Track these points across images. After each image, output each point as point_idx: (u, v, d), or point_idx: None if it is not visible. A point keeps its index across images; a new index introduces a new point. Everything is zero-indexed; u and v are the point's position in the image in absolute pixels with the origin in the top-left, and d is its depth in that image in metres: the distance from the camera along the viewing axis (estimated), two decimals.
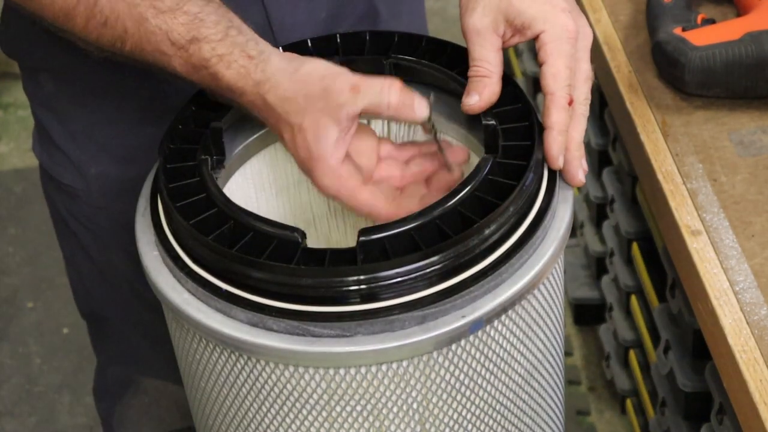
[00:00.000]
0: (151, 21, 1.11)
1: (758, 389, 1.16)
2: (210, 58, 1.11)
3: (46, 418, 2.33)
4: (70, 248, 1.47)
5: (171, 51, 1.12)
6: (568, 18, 1.14)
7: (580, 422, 2.17)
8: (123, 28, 1.12)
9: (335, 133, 1.10)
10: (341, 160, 1.11)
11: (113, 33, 1.13)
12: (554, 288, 1.15)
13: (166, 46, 1.12)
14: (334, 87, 1.09)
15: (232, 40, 1.11)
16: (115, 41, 1.13)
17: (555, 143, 1.13)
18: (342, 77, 1.10)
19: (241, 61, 1.11)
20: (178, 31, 1.11)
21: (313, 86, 1.09)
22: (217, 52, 1.11)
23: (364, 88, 1.09)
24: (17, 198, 2.78)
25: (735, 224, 1.30)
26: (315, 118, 1.10)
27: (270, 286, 1.05)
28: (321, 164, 1.11)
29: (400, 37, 1.23)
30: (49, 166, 1.40)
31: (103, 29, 1.13)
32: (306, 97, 1.10)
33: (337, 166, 1.11)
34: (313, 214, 1.33)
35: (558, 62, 1.13)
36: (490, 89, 1.14)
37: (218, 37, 1.11)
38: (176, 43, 1.12)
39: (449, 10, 3.11)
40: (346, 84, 1.09)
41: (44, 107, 1.37)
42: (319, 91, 1.09)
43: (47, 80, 1.35)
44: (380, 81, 1.10)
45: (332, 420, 1.09)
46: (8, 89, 3.02)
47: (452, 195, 1.08)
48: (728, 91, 1.41)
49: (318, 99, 1.09)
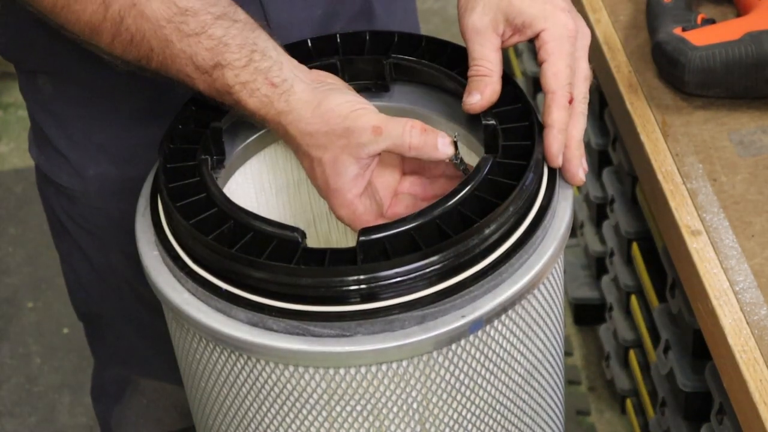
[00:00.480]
0: (176, 44, 1.11)
1: (758, 389, 1.16)
2: (233, 85, 1.11)
3: (46, 418, 2.33)
4: (67, 249, 1.47)
5: (195, 75, 1.12)
6: (567, 17, 1.14)
7: (580, 422, 2.17)
8: (149, 47, 1.13)
9: (355, 170, 1.11)
10: (359, 195, 1.12)
11: (139, 51, 1.13)
12: (554, 288, 1.15)
13: (191, 70, 1.12)
14: (356, 127, 1.09)
15: (255, 66, 1.11)
16: (141, 59, 1.14)
17: (555, 141, 1.13)
18: (364, 118, 1.10)
19: (263, 89, 1.11)
20: (202, 55, 1.11)
21: (336, 124, 1.09)
22: (240, 79, 1.11)
23: (386, 130, 1.09)
24: (17, 198, 2.78)
25: (735, 224, 1.30)
26: (335, 155, 1.10)
27: (270, 286, 1.05)
28: (338, 197, 1.12)
29: (400, 37, 1.23)
30: (46, 168, 1.40)
31: (129, 47, 1.13)
32: (327, 134, 1.10)
33: (353, 199, 1.12)
34: (313, 214, 1.33)
35: (559, 61, 1.13)
36: (491, 88, 1.14)
37: (242, 63, 1.11)
38: (200, 68, 1.12)
39: (449, 10, 3.11)
40: (369, 124, 1.09)
41: (42, 109, 1.37)
42: (341, 130, 1.09)
43: (45, 82, 1.35)
44: (402, 123, 1.10)
45: (332, 420, 1.09)
46: (8, 89, 3.02)
47: (452, 195, 1.08)
48: (728, 91, 1.41)
49: (339, 137, 1.10)
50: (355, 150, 1.10)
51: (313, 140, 1.10)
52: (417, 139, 1.10)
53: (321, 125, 1.10)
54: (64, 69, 1.32)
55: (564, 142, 1.13)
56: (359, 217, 1.13)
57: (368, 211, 1.14)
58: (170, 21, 1.11)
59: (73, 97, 1.34)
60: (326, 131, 1.10)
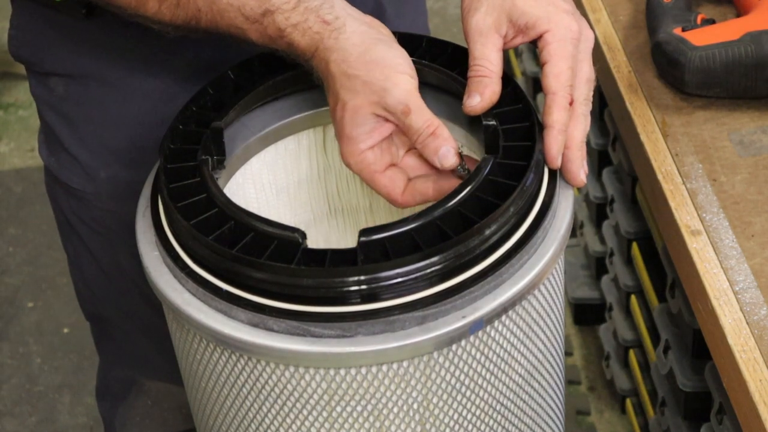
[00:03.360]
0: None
1: (758, 389, 1.16)
2: (285, 28, 1.12)
3: (46, 418, 2.33)
4: (75, 251, 1.47)
5: (245, 25, 1.13)
6: (571, 19, 1.14)
7: (580, 422, 2.17)
8: (196, 7, 1.14)
9: (373, 123, 1.12)
10: (371, 147, 1.13)
11: (186, 13, 1.14)
12: (554, 288, 1.15)
13: (240, 21, 1.13)
14: (392, 93, 1.10)
15: (305, 5, 1.12)
16: (190, 20, 1.15)
17: (555, 142, 1.13)
18: (403, 86, 1.11)
19: (315, 27, 1.12)
20: (250, 5, 1.12)
21: (376, 78, 1.10)
22: (292, 21, 1.12)
23: (413, 116, 1.11)
24: (17, 198, 2.78)
25: (735, 224, 1.30)
26: (361, 104, 1.11)
27: (270, 287, 1.05)
28: (351, 145, 1.13)
29: (400, 37, 1.23)
30: (56, 170, 1.40)
31: (176, 10, 1.15)
32: (366, 83, 1.11)
33: (364, 149, 1.13)
34: (313, 214, 1.33)
35: (561, 62, 1.13)
36: (491, 89, 1.14)
37: (291, 5, 1.12)
38: (250, 18, 1.13)
39: (449, 10, 3.11)
40: (403, 99, 1.11)
41: (53, 111, 1.36)
42: (379, 87, 1.10)
43: (57, 84, 1.35)
44: (424, 119, 1.11)
45: (332, 420, 1.09)
46: (9, 89, 3.02)
47: (453, 195, 1.08)
48: (728, 91, 1.41)
49: (373, 92, 1.11)
50: (382, 111, 1.11)
51: (350, 83, 1.11)
52: (424, 138, 1.12)
53: (363, 72, 1.11)
54: (77, 71, 1.32)
55: (563, 143, 1.13)
56: (367, 167, 1.14)
57: (378, 161, 1.14)
58: None
59: (86, 99, 1.34)
60: (366, 80, 1.11)
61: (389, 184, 1.15)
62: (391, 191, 1.15)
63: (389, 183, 1.15)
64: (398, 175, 1.15)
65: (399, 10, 1.41)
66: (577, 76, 1.14)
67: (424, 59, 1.21)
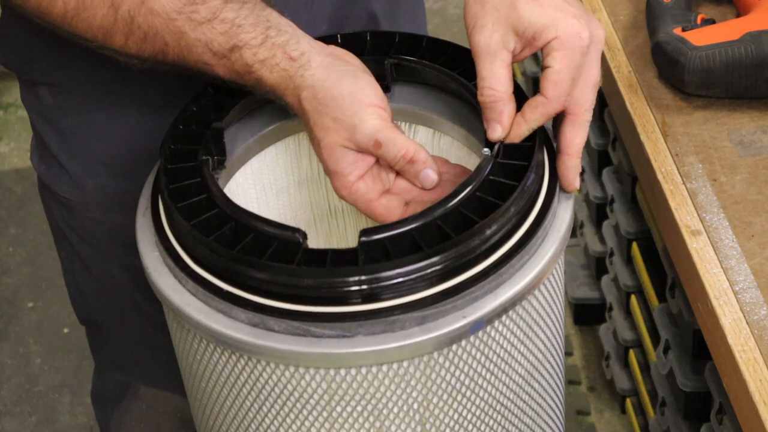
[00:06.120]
0: (190, 34, 1.12)
1: (758, 389, 1.16)
2: (252, 64, 1.12)
3: (46, 418, 2.33)
4: (67, 257, 1.47)
5: (213, 60, 1.13)
6: (581, 25, 1.11)
7: (580, 422, 2.17)
8: (163, 42, 1.13)
9: (353, 156, 1.12)
10: (360, 176, 1.13)
11: (153, 47, 1.14)
12: (554, 288, 1.15)
13: (208, 57, 1.13)
14: (360, 129, 1.10)
15: (272, 41, 1.12)
16: (157, 54, 1.14)
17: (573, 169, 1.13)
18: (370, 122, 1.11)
19: (282, 64, 1.11)
20: (217, 41, 1.12)
21: (344, 115, 1.10)
22: (259, 57, 1.11)
23: (385, 148, 1.11)
24: (17, 198, 2.78)
25: (735, 224, 1.30)
26: (334, 141, 1.11)
27: (271, 287, 1.05)
28: (339, 178, 1.13)
29: (401, 37, 1.23)
30: (47, 178, 1.39)
31: (143, 44, 1.14)
32: (334, 120, 1.11)
33: (354, 181, 1.13)
34: (313, 214, 1.33)
35: (563, 72, 1.11)
36: (507, 113, 1.12)
37: (258, 42, 1.11)
38: (217, 53, 1.12)
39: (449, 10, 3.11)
40: (373, 135, 1.10)
41: (43, 120, 1.36)
42: (348, 124, 1.10)
43: (46, 93, 1.34)
44: (401, 148, 1.12)
45: (332, 420, 1.09)
46: (8, 89, 3.02)
47: (453, 195, 1.08)
48: (728, 91, 1.41)
49: (344, 129, 1.11)
50: (355, 143, 1.11)
51: (321, 120, 1.11)
52: (402, 165, 1.13)
53: (331, 110, 1.11)
54: (65, 81, 1.31)
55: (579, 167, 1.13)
56: (360, 197, 1.14)
57: (370, 190, 1.14)
58: (180, 12, 1.11)
59: (74, 109, 1.33)
60: (335, 117, 1.11)
61: (385, 213, 1.14)
62: (388, 218, 1.14)
63: (385, 211, 1.14)
64: (393, 202, 1.15)
65: (394, 24, 1.41)
66: (584, 82, 1.12)
67: (424, 59, 1.21)
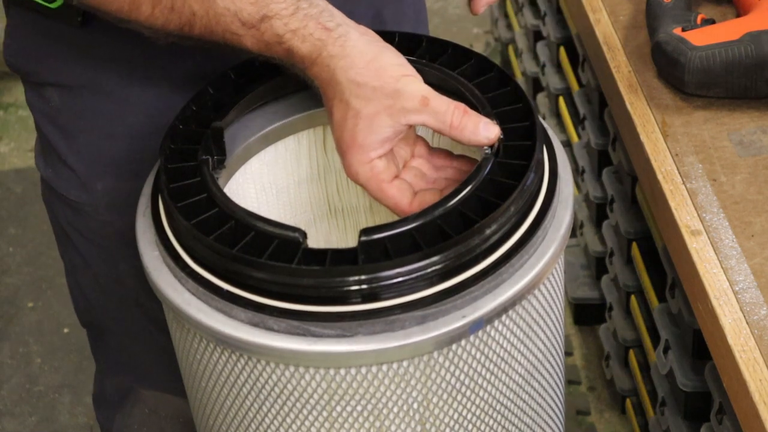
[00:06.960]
0: (219, 3, 1.11)
1: (758, 389, 1.16)
2: (283, 34, 1.11)
3: (46, 418, 2.33)
4: (71, 260, 1.46)
5: (242, 31, 1.12)
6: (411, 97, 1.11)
7: (580, 422, 2.17)
8: (191, 11, 1.12)
9: (388, 132, 1.11)
10: (380, 156, 1.12)
11: (180, 18, 1.13)
12: (554, 288, 1.15)
13: (236, 27, 1.12)
14: (406, 91, 1.10)
15: (304, 12, 1.11)
16: (183, 26, 1.13)
17: None
18: (416, 85, 1.10)
19: (317, 33, 1.11)
20: (247, 10, 1.11)
21: (387, 82, 1.10)
22: (290, 27, 1.11)
23: (433, 104, 1.10)
24: (17, 198, 2.78)
25: (735, 224, 1.30)
26: (376, 111, 1.10)
27: (271, 286, 1.05)
28: (361, 153, 1.12)
29: (400, 36, 1.23)
30: (53, 181, 1.38)
31: (170, 15, 1.13)
32: (376, 89, 1.10)
33: (375, 159, 1.12)
34: (313, 214, 1.33)
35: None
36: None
37: (289, 12, 1.11)
38: (247, 23, 1.11)
39: (449, 10, 3.11)
40: (419, 93, 1.10)
41: (49, 122, 1.35)
42: (391, 90, 1.10)
43: (53, 94, 1.33)
44: (448, 101, 1.11)
45: (332, 420, 1.09)
46: (9, 89, 3.02)
47: (453, 195, 1.08)
48: (728, 91, 1.41)
49: (387, 96, 1.10)
50: (397, 113, 1.10)
51: (360, 91, 1.10)
52: (458, 119, 1.11)
53: (372, 79, 1.10)
54: (72, 81, 1.31)
55: None
56: (375, 176, 1.13)
57: (385, 171, 1.13)
58: None
59: (81, 110, 1.33)
60: (376, 86, 1.10)
61: (398, 194, 1.14)
62: (400, 201, 1.14)
63: (398, 193, 1.14)
64: (405, 186, 1.15)
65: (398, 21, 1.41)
66: None
67: (424, 59, 1.21)
